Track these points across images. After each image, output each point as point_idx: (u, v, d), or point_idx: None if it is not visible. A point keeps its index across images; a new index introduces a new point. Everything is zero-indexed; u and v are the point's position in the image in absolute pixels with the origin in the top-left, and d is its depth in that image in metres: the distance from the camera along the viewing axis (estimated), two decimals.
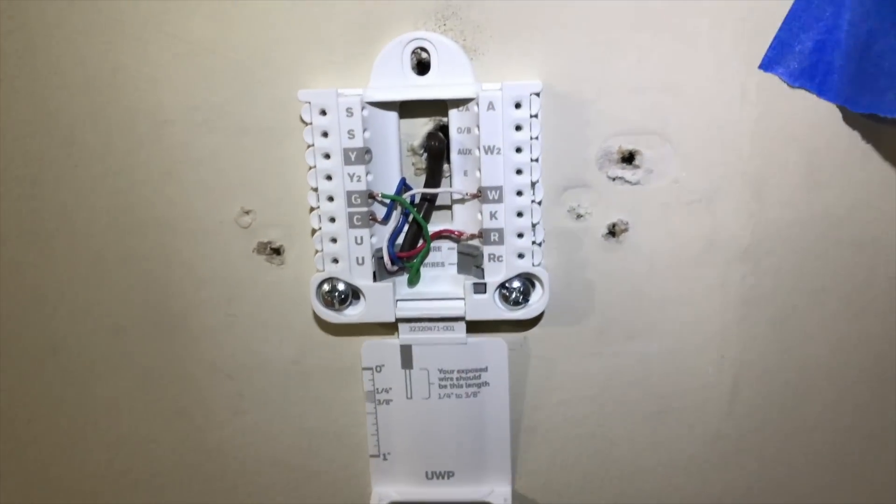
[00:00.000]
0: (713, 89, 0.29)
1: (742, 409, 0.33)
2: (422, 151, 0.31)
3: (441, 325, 0.32)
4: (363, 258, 0.31)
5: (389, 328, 0.33)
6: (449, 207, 0.32)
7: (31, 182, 0.33)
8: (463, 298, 0.31)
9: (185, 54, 0.31)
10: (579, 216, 0.31)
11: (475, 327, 0.32)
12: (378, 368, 0.33)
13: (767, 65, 0.29)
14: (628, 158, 0.30)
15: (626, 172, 0.31)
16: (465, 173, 0.31)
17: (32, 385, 0.35)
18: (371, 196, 0.30)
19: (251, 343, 0.34)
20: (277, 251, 0.33)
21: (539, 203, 0.30)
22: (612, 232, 0.31)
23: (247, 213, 0.32)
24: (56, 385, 0.35)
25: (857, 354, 0.32)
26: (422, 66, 0.30)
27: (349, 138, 0.29)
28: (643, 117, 0.30)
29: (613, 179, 0.31)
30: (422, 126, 0.31)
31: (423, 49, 0.30)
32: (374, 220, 0.31)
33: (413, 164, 0.32)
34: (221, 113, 0.31)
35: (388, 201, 0.31)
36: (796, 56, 0.29)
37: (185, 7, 0.30)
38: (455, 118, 0.30)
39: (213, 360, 0.34)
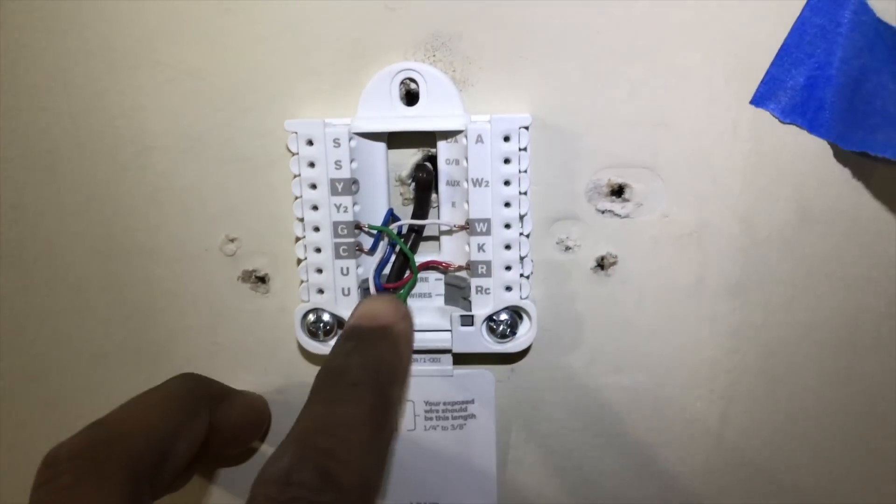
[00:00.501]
0: (704, 124, 0.29)
1: (730, 443, 0.33)
2: (409, 182, 0.31)
3: (427, 356, 0.31)
4: (349, 289, 0.30)
5: None
6: (436, 238, 0.31)
7: (12, 206, 0.32)
8: (450, 330, 0.31)
9: (171, 80, 0.30)
10: (568, 248, 0.31)
11: (461, 358, 0.32)
12: None
13: (759, 100, 0.29)
14: (618, 191, 0.30)
15: (616, 206, 0.30)
16: (454, 204, 0.30)
17: (11, 413, 0.34)
18: (358, 227, 0.30)
19: (235, 372, 0.33)
20: (263, 279, 0.32)
21: (527, 236, 0.29)
22: (601, 265, 0.31)
23: (232, 240, 0.32)
24: (36, 412, 0.34)
25: (846, 389, 0.32)
26: (410, 97, 0.30)
27: (336, 169, 0.29)
28: (634, 151, 0.30)
29: (603, 212, 0.30)
30: (410, 156, 0.31)
31: (412, 80, 0.29)
32: (361, 250, 0.30)
33: (401, 194, 0.31)
34: (207, 140, 0.31)
35: (374, 232, 0.30)
36: (788, 92, 0.29)
37: (173, 33, 0.30)
38: (443, 149, 0.30)
39: None
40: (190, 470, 0.31)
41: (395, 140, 0.30)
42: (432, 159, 0.31)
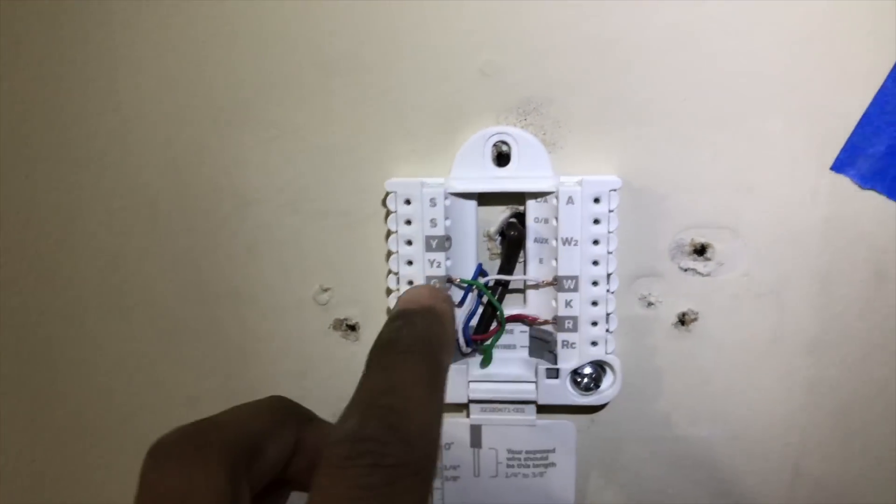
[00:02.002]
0: (786, 188, 0.30)
1: (803, 496, 0.34)
2: (497, 237, 0.32)
3: (512, 406, 0.33)
4: None
5: (459, 406, 0.33)
6: (522, 291, 0.33)
7: (114, 255, 0.34)
8: (535, 382, 0.32)
9: (274, 138, 0.32)
10: (650, 304, 0.32)
11: (543, 408, 0.33)
12: (447, 446, 0.33)
13: (839, 166, 0.30)
14: (700, 251, 0.31)
15: (698, 264, 0.32)
16: (541, 261, 0.32)
17: (102, 456, 0.36)
18: (449, 280, 0.31)
19: (323, 416, 0.34)
20: (353, 328, 0.34)
21: (612, 293, 0.31)
22: (682, 321, 0.32)
23: (325, 290, 0.33)
24: (126, 456, 0.36)
25: None
26: (502, 158, 0.31)
27: (431, 226, 0.30)
28: (716, 212, 0.31)
29: (685, 270, 0.32)
30: (498, 213, 0.32)
31: (504, 142, 0.31)
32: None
33: (489, 248, 0.33)
34: (305, 195, 0.32)
35: (465, 285, 0.32)
36: (868, 159, 0.30)
37: (277, 93, 0.31)
38: (532, 208, 0.31)
39: None
40: (281, 494, 0.32)
41: (485, 198, 0.32)
42: (520, 216, 0.32)
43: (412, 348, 0.24)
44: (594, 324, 0.31)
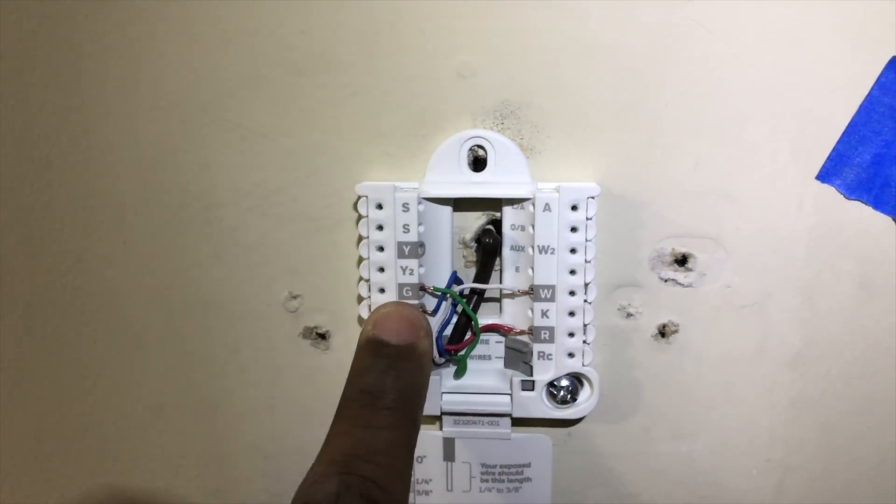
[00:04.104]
0: (769, 197, 0.30)
1: None
2: (473, 244, 0.31)
3: (486, 419, 0.32)
4: None
5: (432, 418, 0.32)
6: (497, 300, 0.32)
7: (77, 258, 0.33)
8: (510, 394, 0.31)
9: (242, 139, 0.31)
10: (629, 315, 0.31)
11: (518, 421, 0.32)
12: (419, 459, 0.32)
13: (825, 176, 0.29)
14: (681, 261, 0.30)
15: (679, 275, 0.31)
16: (517, 269, 0.31)
17: (65, 463, 0.35)
18: (422, 288, 0.30)
19: (292, 426, 0.33)
20: (323, 336, 0.32)
21: (590, 303, 0.30)
22: (662, 332, 0.31)
23: (294, 297, 0.32)
24: (91, 462, 0.35)
25: None
26: (478, 163, 0.30)
27: (404, 232, 0.29)
28: (698, 221, 0.30)
29: (665, 281, 0.31)
30: (474, 220, 0.31)
31: (480, 146, 0.30)
32: (424, 311, 0.30)
33: (464, 256, 0.31)
34: (273, 199, 0.31)
35: (438, 293, 0.31)
36: (854, 168, 0.29)
37: (245, 93, 0.30)
38: (509, 215, 0.30)
39: (252, 441, 0.34)
40: None
41: (461, 203, 0.31)
42: (496, 223, 0.31)
43: (396, 405, 0.24)
44: (571, 335, 0.30)
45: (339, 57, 0.30)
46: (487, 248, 0.30)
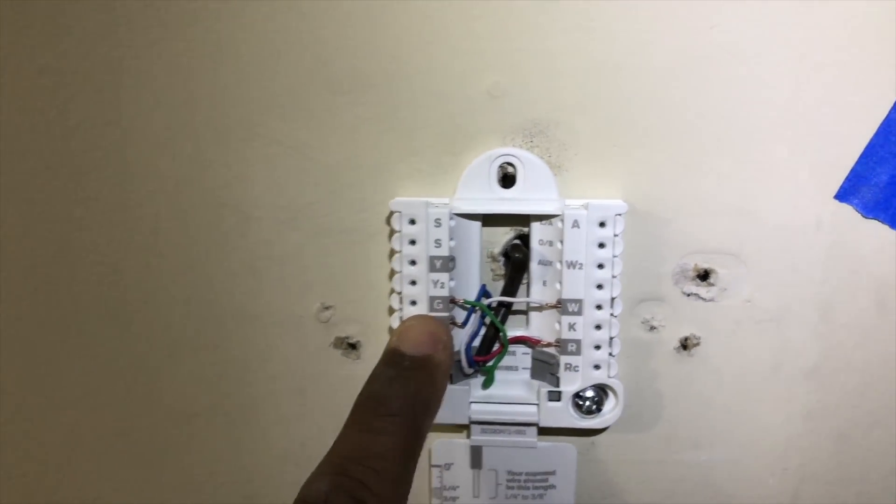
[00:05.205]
0: (789, 215, 0.31)
1: None
2: (501, 258, 0.32)
3: (512, 428, 0.32)
4: None
5: (460, 427, 0.33)
6: (524, 312, 0.33)
7: (113, 269, 0.33)
8: (536, 404, 0.32)
9: (277, 154, 0.32)
10: (652, 328, 0.32)
11: (543, 430, 0.33)
12: (447, 466, 0.33)
13: (843, 195, 0.30)
14: (703, 276, 0.31)
15: (701, 289, 0.32)
16: (545, 283, 0.32)
17: (98, 469, 0.35)
18: (453, 301, 0.31)
19: (322, 435, 0.34)
20: (354, 346, 0.33)
21: (616, 316, 0.31)
22: (684, 345, 0.32)
23: (326, 308, 0.33)
24: (123, 469, 0.35)
25: None
26: (507, 179, 0.31)
27: (436, 247, 0.30)
28: (720, 238, 0.31)
29: (688, 295, 0.32)
30: (502, 234, 0.32)
31: (510, 164, 0.31)
32: (454, 323, 0.31)
33: (492, 269, 0.32)
34: (308, 212, 0.32)
35: (468, 306, 0.31)
36: (871, 188, 0.30)
37: (281, 109, 0.31)
38: (537, 230, 0.31)
39: (283, 449, 0.35)
40: None
41: (489, 219, 0.32)
42: (524, 238, 0.32)
43: (398, 411, 0.25)
44: (597, 347, 0.31)
45: (373, 76, 0.31)
46: (517, 263, 0.31)
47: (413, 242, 0.30)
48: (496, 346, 0.32)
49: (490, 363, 0.32)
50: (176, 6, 0.31)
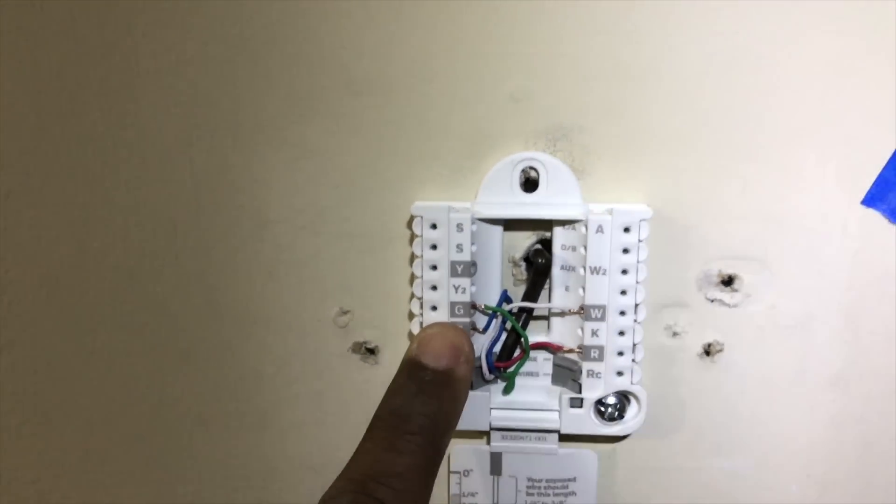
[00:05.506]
0: (815, 221, 0.30)
1: None
2: (522, 263, 0.32)
3: (533, 434, 0.32)
4: None
5: (480, 433, 0.33)
6: (545, 318, 0.32)
7: (130, 272, 0.33)
8: (558, 410, 0.31)
9: (296, 158, 0.31)
10: (676, 334, 0.32)
11: (564, 436, 0.32)
12: (466, 473, 0.33)
13: (870, 201, 0.30)
14: (727, 282, 0.31)
15: (725, 295, 0.31)
16: (567, 288, 0.31)
17: (113, 474, 0.35)
18: (474, 306, 0.31)
19: (339, 440, 0.34)
20: (372, 351, 0.33)
21: (640, 322, 0.30)
22: (708, 351, 0.32)
23: (345, 313, 0.33)
24: (138, 474, 0.35)
25: None
26: (529, 184, 0.31)
27: (457, 252, 0.30)
28: (744, 244, 0.31)
29: (712, 301, 0.31)
30: (524, 239, 0.32)
31: (533, 168, 0.30)
32: (475, 329, 0.31)
33: (513, 274, 0.32)
34: (326, 216, 0.32)
35: (489, 311, 0.31)
36: None
37: (300, 113, 0.31)
38: (559, 235, 0.31)
39: (300, 454, 0.34)
40: None
41: (511, 223, 0.31)
42: (546, 243, 0.32)
43: (421, 431, 0.24)
44: (620, 354, 0.30)
45: (394, 79, 0.30)
46: (539, 268, 0.31)
47: (434, 247, 0.30)
48: (517, 352, 0.32)
49: (511, 369, 0.31)
50: (194, 8, 0.30)
